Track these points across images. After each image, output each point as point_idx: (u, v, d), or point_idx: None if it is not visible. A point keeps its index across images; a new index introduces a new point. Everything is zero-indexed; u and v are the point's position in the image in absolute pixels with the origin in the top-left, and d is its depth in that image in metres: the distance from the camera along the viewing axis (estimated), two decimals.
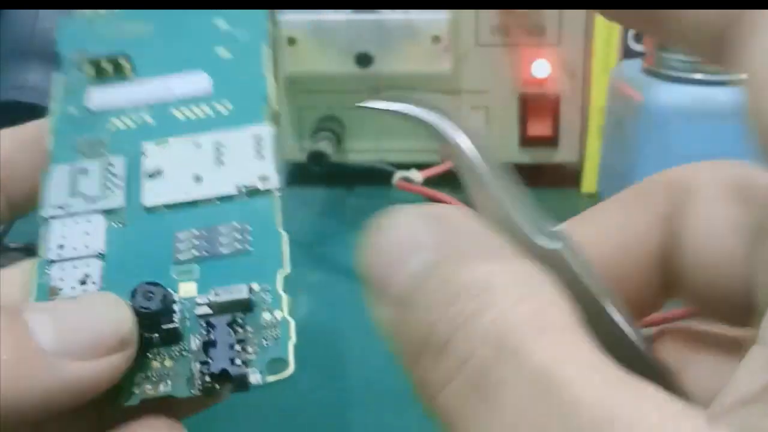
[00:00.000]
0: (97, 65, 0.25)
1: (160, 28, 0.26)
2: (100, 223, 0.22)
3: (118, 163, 0.23)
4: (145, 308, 0.20)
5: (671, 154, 0.43)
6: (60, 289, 0.21)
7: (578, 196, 0.54)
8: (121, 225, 0.22)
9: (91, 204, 0.23)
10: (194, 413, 0.21)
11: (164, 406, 0.20)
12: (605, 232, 0.17)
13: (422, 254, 0.13)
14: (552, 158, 0.55)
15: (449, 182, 0.49)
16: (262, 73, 0.25)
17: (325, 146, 0.52)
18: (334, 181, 0.54)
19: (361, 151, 0.55)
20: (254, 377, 0.20)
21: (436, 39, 0.50)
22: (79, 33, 0.26)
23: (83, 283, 0.21)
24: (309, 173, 0.53)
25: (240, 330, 0.20)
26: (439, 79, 0.52)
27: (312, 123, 0.54)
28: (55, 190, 0.23)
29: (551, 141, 0.54)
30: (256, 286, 0.21)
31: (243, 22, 0.26)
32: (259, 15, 0.26)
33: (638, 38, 0.53)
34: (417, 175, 0.49)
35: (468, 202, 0.15)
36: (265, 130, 0.24)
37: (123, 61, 0.25)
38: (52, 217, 0.22)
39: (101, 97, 0.25)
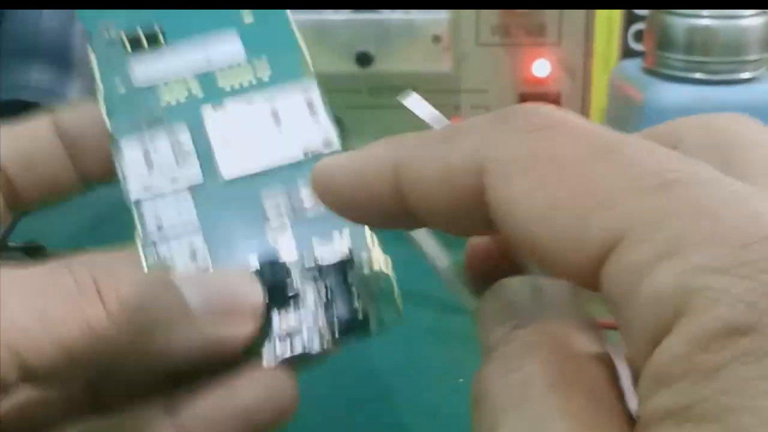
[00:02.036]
0: (131, 37, 0.26)
1: None
2: (188, 200, 0.24)
3: (184, 136, 0.25)
4: (271, 282, 0.22)
5: None
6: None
7: None
8: (206, 198, 0.24)
9: (174, 183, 0.24)
10: None
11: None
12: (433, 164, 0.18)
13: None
14: None
15: None
16: (289, 30, 0.26)
17: None
18: None
19: None
20: (374, 327, 0.22)
21: (436, 39, 0.50)
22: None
23: (194, 259, 0.23)
24: None
25: (352, 287, 0.23)
26: (439, 79, 0.52)
27: None
28: (133, 169, 0.24)
29: None
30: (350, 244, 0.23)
31: None
32: None
33: (638, 38, 0.53)
34: None
35: None
36: (311, 89, 0.26)
37: (156, 30, 0.26)
38: (140, 201, 0.24)
39: (144, 71, 0.25)
